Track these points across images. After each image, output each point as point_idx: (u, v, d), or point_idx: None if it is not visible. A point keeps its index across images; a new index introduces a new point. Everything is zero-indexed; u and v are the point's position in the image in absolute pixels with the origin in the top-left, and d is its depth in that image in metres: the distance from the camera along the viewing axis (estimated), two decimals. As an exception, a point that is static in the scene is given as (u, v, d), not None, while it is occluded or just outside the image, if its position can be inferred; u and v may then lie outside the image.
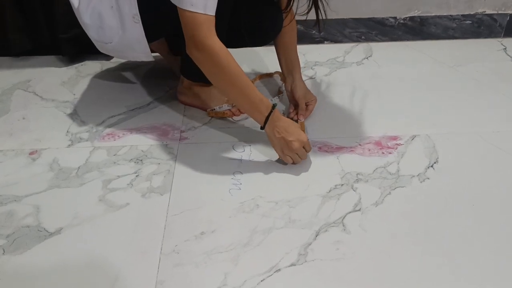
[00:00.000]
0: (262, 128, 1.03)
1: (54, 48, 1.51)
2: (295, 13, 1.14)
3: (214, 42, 0.97)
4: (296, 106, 1.22)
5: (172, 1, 0.96)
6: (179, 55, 1.34)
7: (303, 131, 1.12)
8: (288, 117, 1.20)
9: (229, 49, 0.98)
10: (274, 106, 1.02)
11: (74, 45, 1.48)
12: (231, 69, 0.98)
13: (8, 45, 1.50)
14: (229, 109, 1.22)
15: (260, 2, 1.16)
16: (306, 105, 1.21)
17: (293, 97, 1.23)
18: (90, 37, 1.16)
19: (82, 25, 1.15)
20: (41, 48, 1.53)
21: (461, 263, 0.83)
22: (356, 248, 0.86)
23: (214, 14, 0.96)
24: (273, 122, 1.01)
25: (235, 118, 1.22)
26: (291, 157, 1.04)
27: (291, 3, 1.12)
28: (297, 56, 1.24)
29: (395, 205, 0.96)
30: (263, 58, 1.52)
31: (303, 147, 1.03)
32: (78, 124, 1.22)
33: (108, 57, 1.52)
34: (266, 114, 1.01)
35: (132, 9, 1.07)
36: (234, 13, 1.09)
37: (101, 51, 1.19)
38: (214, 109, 1.23)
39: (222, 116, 1.22)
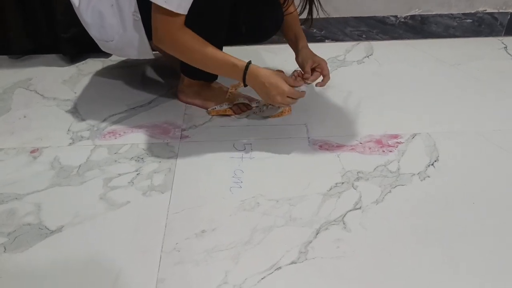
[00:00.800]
0: (245, 86, 1.09)
1: (54, 48, 1.51)
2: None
3: (178, 36, 1.01)
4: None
5: None
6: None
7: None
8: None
9: (229, 48, 0.98)
10: (249, 63, 1.05)
11: (74, 45, 1.48)
12: (197, 54, 1.04)
13: (9, 44, 1.50)
14: (230, 108, 1.22)
15: (260, 1, 1.16)
16: (315, 70, 1.18)
17: (302, 66, 1.21)
18: (91, 36, 1.16)
19: (83, 24, 1.15)
20: (41, 48, 1.53)
21: (461, 261, 0.83)
22: (357, 246, 0.86)
23: (185, 13, 0.98)
24: (252, 79, 1.06)
25: (236, 116, 1.22)
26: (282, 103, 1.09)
27: (288, 2, 1.13)
28: (301, 30, 1.24)
29: (396, 204, 0.96)
30: (263, 58, 1.52)
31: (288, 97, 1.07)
32: (79, 122, 1.22)
33: (108, 55, 1.52)
34: (242, 75, 1.06)
35: (131, 7, 1.07)
36: (234, 13, 1.09)
37: (103, 49, 1.19)
38: (215, 107, 1.23)
39: (222, 115, 1.22)
